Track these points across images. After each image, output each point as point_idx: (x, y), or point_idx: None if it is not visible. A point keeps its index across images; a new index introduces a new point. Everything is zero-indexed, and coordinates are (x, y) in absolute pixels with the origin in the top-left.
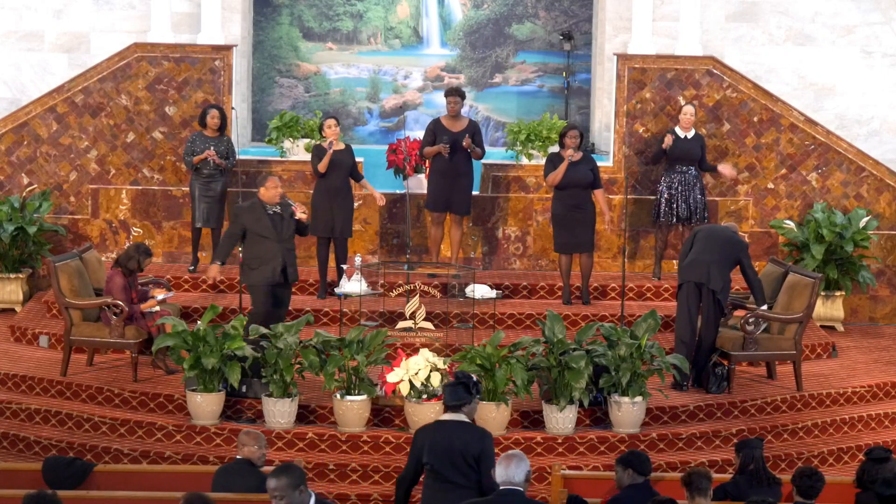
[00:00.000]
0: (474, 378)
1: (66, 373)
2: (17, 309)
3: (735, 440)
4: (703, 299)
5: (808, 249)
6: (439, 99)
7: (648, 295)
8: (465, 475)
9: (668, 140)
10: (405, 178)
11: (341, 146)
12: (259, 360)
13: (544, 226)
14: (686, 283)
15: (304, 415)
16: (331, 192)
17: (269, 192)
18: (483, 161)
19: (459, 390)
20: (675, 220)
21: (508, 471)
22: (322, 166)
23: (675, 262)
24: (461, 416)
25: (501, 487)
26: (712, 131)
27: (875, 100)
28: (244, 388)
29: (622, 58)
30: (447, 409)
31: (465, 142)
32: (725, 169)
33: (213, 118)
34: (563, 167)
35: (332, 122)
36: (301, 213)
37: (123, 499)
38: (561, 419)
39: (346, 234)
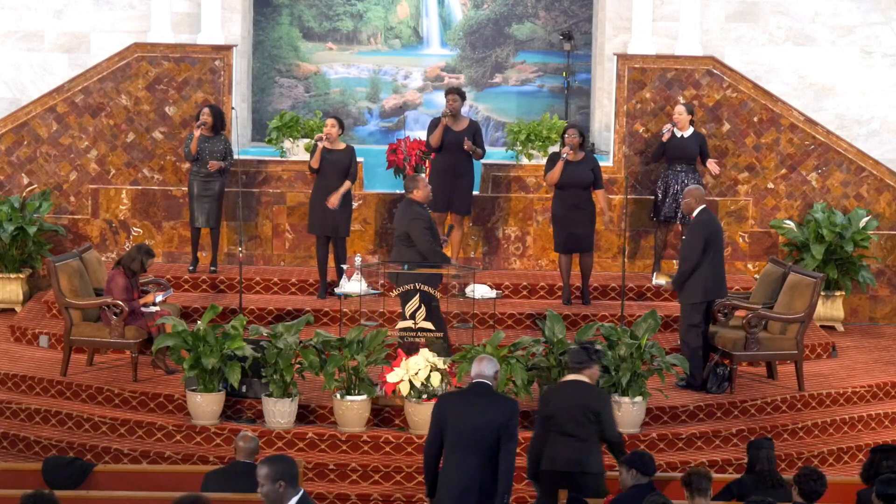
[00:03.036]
0: (597, 346)
1: (66, 373)
2: (17, 309)
3: (735, 440)
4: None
5: (808, 249)
6: (439, 99)
7: (648, 295)
8: (584, 429)
9: (668, 135)
10: (405, 178)
11: (340, 146)
12: (259, 360)
13: (544, 226)
14: (706, 301)
15: (304, 415)
16: (327, 192)
17: (423, 191)
18: (483, 161)
19: (581, 353)
20: (673, 219)
21: (480, 367)
22: (314, 162)
23: (675, 262)
24: (582, 378)
25: (474, 380)
26: (712, 131)
27: (875, 100)
28: (244, 388)
29: (622, 58)
30: (570, 370)
31: (466, 144)
32: (711, 165)
33: (204, 115)
34: (558, 166)
35: (330, 121)
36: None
37: (123, 499)
38: None
39: (344, 233)
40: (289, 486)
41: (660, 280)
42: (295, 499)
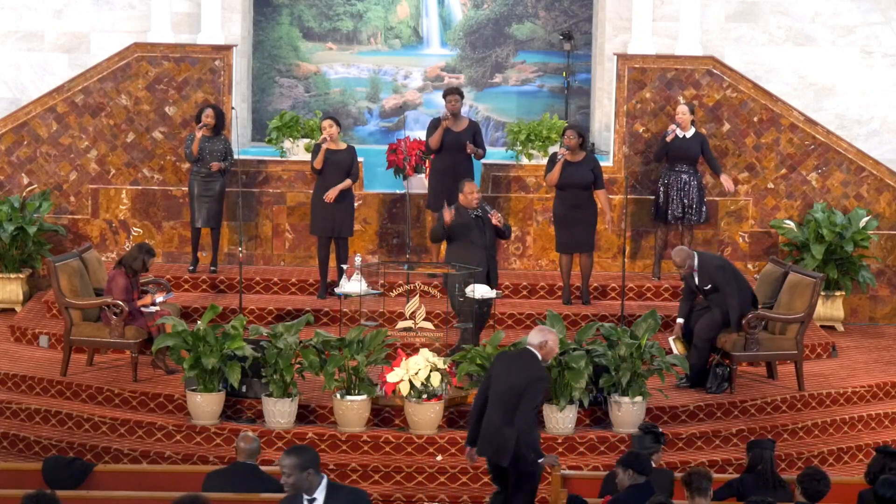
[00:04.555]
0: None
1: (66, 373)
2: (17, 309)
3: (735, 440)
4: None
5: (808, 249)
6: (439, 99)
7: (648, 295)
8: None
9: (672, 135)
10: (405, 178)
11: (342, 146)
12: (259, 360)
13: (544, 226)
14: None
15: (304, 415)
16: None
17: (466, 197)
18: (483, 161)
19: (647, 439)
20: (674, 219)
21: (529, 335)
22: (317, 163)
23: None
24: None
25: (526, 346)
26: (712, 131)
27: (875, 100)
28: (244, 388)
29: (622, 58)
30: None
31: (469, 148)
32: (727, 181)
33: (207, 117)
34: (558, 166)
35: (327, 122)
36: (497, 221)
37: (123, 499)
38: (561, 419)
39: (347, 233)
40: (315, 473)
41: (677, 347)
42: (323, 484)
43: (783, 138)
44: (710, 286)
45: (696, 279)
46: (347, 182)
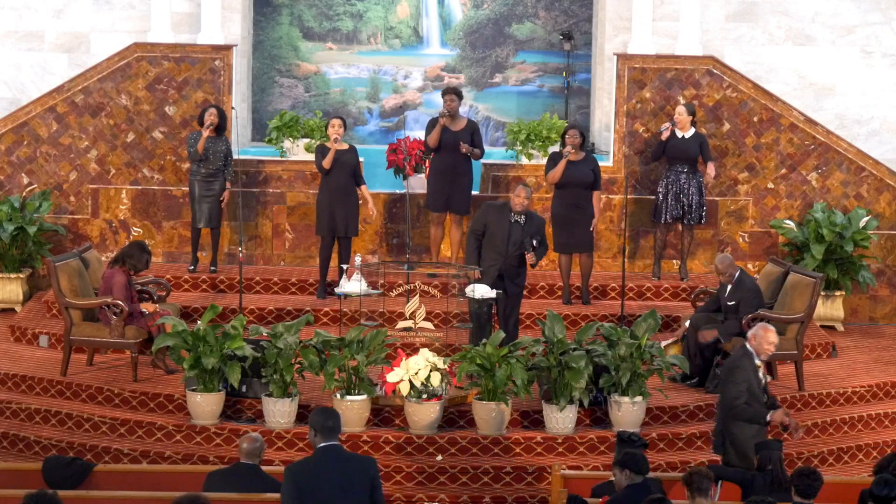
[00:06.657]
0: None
1: (66, 373)
2: (17, 309)
3: None
4: None
5: (808, 249)
6: (439, 99)
7: (648, 295)
8: None
9: (666, 133)
10: (405, 178)
11: (344, 146)
12: (259, 360)
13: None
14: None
15: (305, 415)
16: (334, 192)
17: (514, 199)
18: (483, 161)
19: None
20: (673, 219)
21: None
22: (326, 162)
23: (675, 261)
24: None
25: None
26: (712, 131)
27: (875, 100)
28: (244, 388)
29: (622, 58)
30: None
31: (463, 147)
32: (710, 169)
33: (211, 115)
34: (561, 165)
35: (336, 121)
36: (530, 261)
37: (123, 499)
38: (561, 419)
39: (352, 232)
40: (319, 434)
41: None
42: (323, 444)
43: (783, 138)
44: (734, 303)
45: (727, 291)
46: (364, 188)
